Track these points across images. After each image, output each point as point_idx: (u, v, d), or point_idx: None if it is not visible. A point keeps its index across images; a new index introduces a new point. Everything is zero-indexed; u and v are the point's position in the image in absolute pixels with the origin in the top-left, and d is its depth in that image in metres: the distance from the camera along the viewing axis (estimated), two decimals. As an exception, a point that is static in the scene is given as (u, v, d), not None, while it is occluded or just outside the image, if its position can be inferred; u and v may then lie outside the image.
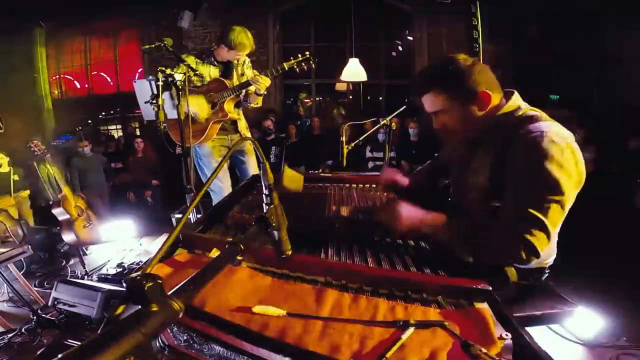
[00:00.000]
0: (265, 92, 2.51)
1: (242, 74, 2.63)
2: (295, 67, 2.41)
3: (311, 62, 2.40)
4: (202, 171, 2.72)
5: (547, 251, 1.16)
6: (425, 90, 1.12)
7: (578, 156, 0.98)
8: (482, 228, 1.02)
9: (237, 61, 2.60)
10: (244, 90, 2.49)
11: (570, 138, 0.98)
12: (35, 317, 2.20)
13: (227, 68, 2.59)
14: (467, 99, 1.07)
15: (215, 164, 2.67)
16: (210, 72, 2.54)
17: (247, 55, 2.58)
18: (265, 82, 2.39)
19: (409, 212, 1.07)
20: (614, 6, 4.62)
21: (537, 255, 0.95)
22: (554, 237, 0.99)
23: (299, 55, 2.43)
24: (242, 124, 2.73)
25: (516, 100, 1.10)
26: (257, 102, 2.61)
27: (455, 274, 0.88)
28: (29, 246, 2.53)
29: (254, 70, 2.58)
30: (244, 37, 2.39)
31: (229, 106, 2.49)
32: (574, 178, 0.96)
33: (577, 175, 0.98)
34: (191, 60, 2.47)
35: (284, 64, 2.42)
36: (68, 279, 2.66)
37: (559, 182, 0.93)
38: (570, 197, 0.96)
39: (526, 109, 1.09)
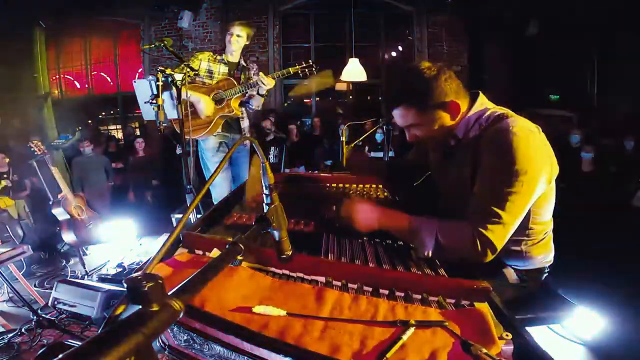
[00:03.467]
0: (268, 95, 2.65)
1: (249, 78, 2.73)
2: (299, 72, 2.58)
3: (314, 69, 2.59)
4: (205, 166, 2.82)
5: (545, 251, 1.16)
6: (394, 106, 1.11)
7: (544, 146, 0.99)
8: (445, 225, 0.99)
9: (246, 64, 2.74)
10: (248, 91, 2.61)
11: (536, 130, 0.99)
12: (35, 317, 2.19)
13: (236, 68, 2.72)
14: (436, 110, 1.06)
15: (216, 162, 2.76)
16: (220, 69, 2.66)
17: (244, 46, 2.71)
18: (270, 83, 2.51)
19: (365, 211, 1.07)
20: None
21: (493, 250, 0.94)
22: (511, 230, 0.97)
23: (303, 62, 2.60)
24: (245, 124, 2.83)
25: (482, 101, 1.11)
26: (257, 106, 2.74)
27: (455, 274, 0.88)
28: (29, 246, 2.53)
29: (261, 72, 2.69)
30: (239, 23, 2.60)
31: (235, 103, 2.62)
32: (540, 168, 0.97)
33: (545, 164, 0.99)
34: (205, 56, 2.61)
35: (290, 68, 2.57)
36: (68, 279, 2.67)
37: (521, 175, 0.93)
38: (535, 187, 0.96)
39: (494, 108, 1.09)
